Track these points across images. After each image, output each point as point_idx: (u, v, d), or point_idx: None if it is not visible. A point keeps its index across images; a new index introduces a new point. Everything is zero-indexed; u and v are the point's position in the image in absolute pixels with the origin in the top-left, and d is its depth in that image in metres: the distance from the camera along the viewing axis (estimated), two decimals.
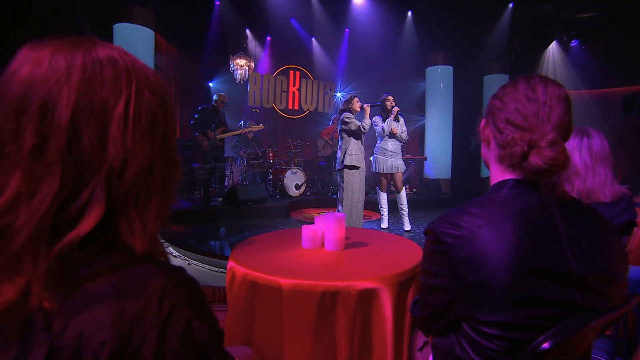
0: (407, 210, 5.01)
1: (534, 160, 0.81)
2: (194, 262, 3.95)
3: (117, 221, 0.52)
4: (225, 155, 6.90)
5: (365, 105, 4.45)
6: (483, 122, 0.97)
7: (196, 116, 6.27)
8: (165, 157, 0.57)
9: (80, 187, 0.48)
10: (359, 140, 4.40)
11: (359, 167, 4.36)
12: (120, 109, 0.51)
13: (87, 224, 0.48)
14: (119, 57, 0.54)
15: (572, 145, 1.63)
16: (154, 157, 0.55)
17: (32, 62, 0.48)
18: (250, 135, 7.73)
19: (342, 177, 4.38)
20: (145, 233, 0.53)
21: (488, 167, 0.98)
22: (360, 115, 4.45)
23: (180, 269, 0.55)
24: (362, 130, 4.31)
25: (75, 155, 0.48)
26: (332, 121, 8.32)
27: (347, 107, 4.42)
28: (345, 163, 4.32)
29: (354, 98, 4.45)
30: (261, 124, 7.05)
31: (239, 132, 6.67)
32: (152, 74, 0.57)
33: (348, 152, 4.32)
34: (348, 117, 4.31)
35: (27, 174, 0.46)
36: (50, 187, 0.46)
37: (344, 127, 4.35)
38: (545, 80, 0.87)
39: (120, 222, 0.52)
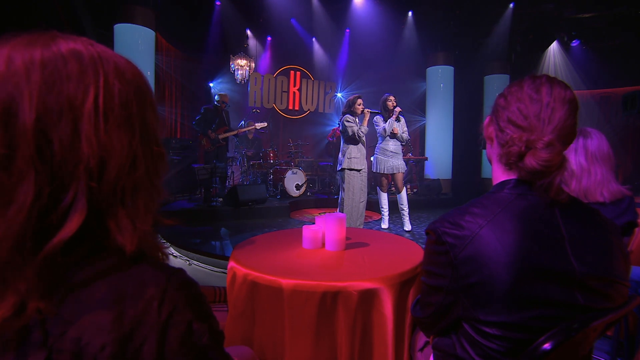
0: (407, 210, 5.00)
1: (529, 161, 0.81)
2: (195, 262, 3.95)
3: (106, 222, 0.50)
4: (227, 156, 6.91)
5: (365, 110, 4.42)
6: (487, 119, 0.97)
7: (198, 117, 6.27)
8: (147, 149, 0.54)
9: (60, 190, 0.46)
10: (356, 144, 4.37)
11: (360, 170, 4.34)
12: (90, 104, 0.47)
13: (69, 228, 0.46)
14: (83, 48, 0.50)
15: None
16: (134, 151, 0.52)
17: None
18: (250, 136, 7.73)
19: (342, 177, 4.37)
20: (135, 231, 0.52)
21: (492, 165, 0.98)
22: (361, 119, 4.42)
23: (181, 270, 0.54)
24: (357, 137, 4.27)
25: (47, 159, 0.45)
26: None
27: (349, 107, 4.37)
28: (344, 166, 4.31)
29: (357, 99, 4.39)
30: (264, 122, 7.04)
31: (242, 130, 6.67)
32: (123, 63, 0.54)
33: (347, 155, 4.30)
34: (348, 121, 4.29)
35: None
36: (25, 196, 0.44)
37: (343, 130, 4.35)
38: (552, 81, 0.86)
39: (109, 222, 0.50)
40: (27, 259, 0.44)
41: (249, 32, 9.30)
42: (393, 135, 4.76)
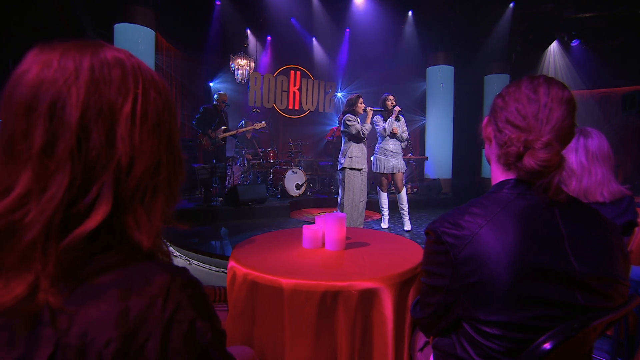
0: (407, 210, 5.00)
1: (528, 161, 0.81)
2: (195, 261, 3.95)
3: (124, 217, 0.53)
4: (226, 155, 6.90)
5: (368, 109, 4.42)
6: (486, 119, 0.97)
7: (198, 116, 6.27)
8: (170, 155, 0.59)
9: (89, 183, 0.50)
10: (361, 143, 4.37)
11: (361, 169, 4.34)
12: (128, 108, 0.52)
13: (94, 220, 0.49)
14: (125, 58, 0.55)
15: (569, 145, 1.63)
16: (160, 155, 0.56)
17: (40, 64, 0.50)
18: (249, 135, 7.72)
19: (343, 177, 4.37)
20: (152, 229, 0.55)
21: (490, 165, 0.99)
22: (363, 118, 4.42)
23: (185, 269, 0.56)
24: (362, 135, 4.28)
25: (84, 153, 0.49)
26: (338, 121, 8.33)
27: (350, 106, 4.37)
28: (345, 165, 4.30)
29: (359, 98, 4.39)
30: (263, 122, 7.03)
31: (241, 130, 6.66)
32: (157, 76, 0.59)
33: (349, 154, 4.29)
34: (350, 120, 4.28)
35: (37, 171, 0.47)
36: (60, 183, 0.47)
37: (345, 129, 4.32)
38: (549, 81, 0.86)
39: (127, 218, 0.53)
40: (51, 244, 0.47)
41: (249, 31, 9.30)
42: (393, 135, 4.76)
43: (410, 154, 8.61)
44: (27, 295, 0.46)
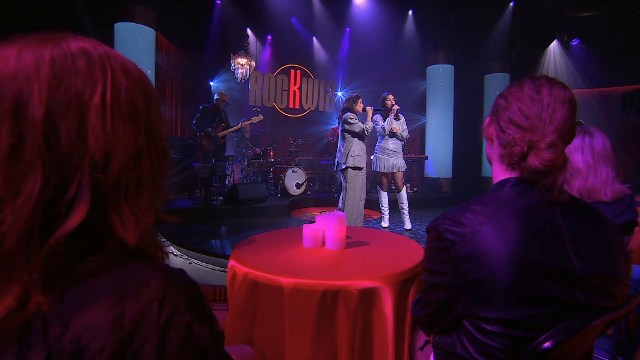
0: (407, 209, 5.01)
1: (532, 161, 0.81)
2: (195, 261, 3.95)
3: (108, 215, 0.51)
4: (226, 154, 6.90)
5: (368, 108, 4.42)
6: (487, 119, 0.97)
7: (197, 115, 6.26)
8: (151, 145, 0.56)
9: (65, 183, 0.47)
10: (362, 141, 4.36)
11: (362, 168, 4.34)
12: (97, 98, 0.49)
13: (73, 220, 0.47)
14: (91, 47, 0.52)
15: (574, 144, 1.63)
16: (138, 146, 0.53)
17: None
18: (247, 135, 7.72)
19: (345, 176, 4.36)
20: (138, 225, 0.53)
21: (491, 164, 0.99)
22: (362, 117, 4.42)
23: (181, 271, 0.54)
24: (366, 133, 4.28)
25: (55, 151, 0.47)
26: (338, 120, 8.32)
27: (350, 105, 4.37)
28: (348, 165, 4.29)
29: (358, 98, 4.39)
30: (260, 115, 6.99)
31: (238, 126, 6.64)
32: (129, 63, 0.56)
33: (351, 153, 4.29)
34: (352, 118, 4.27)
35: (7, 175, 0.45)
36: (33, 186, 0.45)
37: (347, 127, 4.30)
38: (552, 81, 0.87)
39: (112, 215, 0.51)
40: (33, 250, 0.45)
41: (249, 30, 9.30)
42: (392, 134, 4.75)
43: (409, 154, 8.60)
44: (17, 306, 0.44)
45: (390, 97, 4.77)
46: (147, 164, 0.55)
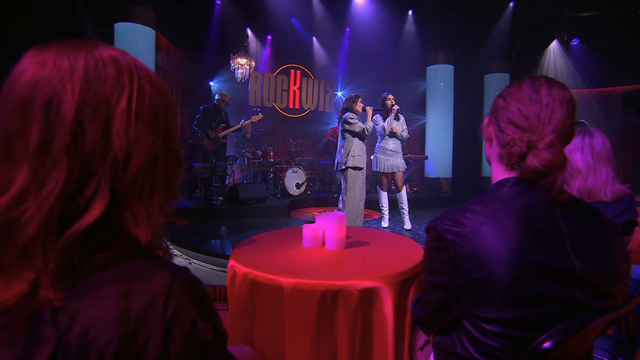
0: (407, 209, 5.01)
1: (531, 161, 0.81)
2: (195, 261, 3.95)
3: (122, 213, 0.53)
4: (226, 154, 6.90)
5: (368, 108, 4.42)
6: (487, 120, 0.97)
7: (198, 116, 6.25)
8: (167, 150, 0.59)
9: (86, 179, 0.50)
10: (362, 141, 4.36)
11: (362, 168, 4.34)
12: (124, 103, 0.53)
13: (91, 215, 0.49)
14: (120, 56, 0.56)
15: (574, 144, 1.63)
16: (156, 150, 0.57)
17: (36, 64, 0.51)
18: (248, 135, 7.72)
19: (345, 176, 4.36)
20: (150, 225, 0.55)
21: (490, 164, 0.99)
22: (362, 117, 4.42)
23: (186, 269, 0.56)
24: (366, 133, 4.28)
25: (80, 149, 0.50)
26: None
27: (350, 105, 4.36)
28: (348, 165, 4.29)
29: (358, 98, 4.39)
30: (260, 114, 7.00)
31: (238, 126, 6.63)
32: (152, 73, 0.60)
33: (351, 153, 4.28)
34: (352, 118, 4.27)
35: (34, 168, 0.48)
36: (57, 179, 0.48)
37: (347, 127, 4.30)
38: (550, 82, 0.87)
39: (126, 213, 0.54)
40: (51, 240, 0.47)
41: (249, 30, 9.30)
42: (392, 134, 4.75)
43: (409, 154, 8.60)
44: (29, 293, 0.46)
45: (390, 97, 4.77)
46: (163, 167, 0.58)
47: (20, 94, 0.49)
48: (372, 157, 5.09)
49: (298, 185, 7.24)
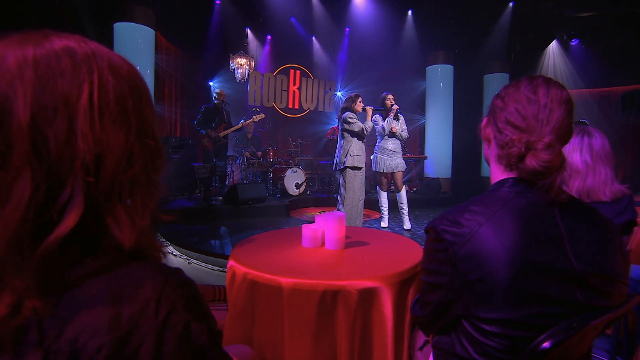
0: (407, 209, 5.01)
1: (530, 162, 0.82)
2: (194, 261, 3.95)
3: (104, 217, 0.50)
4: (228, 154, 6.89)
5: (367, 107, 4.42)
6: (485, 120, 0.97)
7: (199, 116, 6.24)
8: (143, 144, 0.55)
9: (57, 187, 0.46)
10: (361, 141, 4.36)
11: (361, 168, 4.34)
12: (84, 100, 0.48)
13: (66, 225, 0.46)
14: (76, 45, 0.50)
15: (573, 144, 1.63)
16: (130, 146, 0.52)
17: None
18: (249, 135, 7.72)
19: (344, 176, 4.36)
20: (134, 226, 0.52)
21: (489, 165, 0.99)
22: (361, 117, 4.42)
23: (178, 270, 0.54)
24: (365, 133, 4.28)
25: (44, 156, 0.45)
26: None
27: (349, 105, 4.37)
28: (347, 164, 4.29)
29: (358, 97, 4.40)
30: (262, 113, 7.00)
31: (239, 126, 6.63)
32: (117, 59, 0.54)
33: (350, 153, 4.29)
34: (351, 118, 4.27)
35: None
36: (22, 192, 0.44)
37: (346, 127, 4.30)
38: (548, 82, 0.87)
39: (107, 217, 0.50)
40: (25, 257, 0.44)
41: (248, 30, 9.30)
42: (392, 134, 4.76)
43: (409, 154, 8.60)
44: (10, 312, 0.43)
45: (390, 97, 4.77)
46: (140, 163, 0.54)
47: None
48: (371, 157, 5.09)
49: (297, 185, 7.24)
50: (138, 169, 0.53)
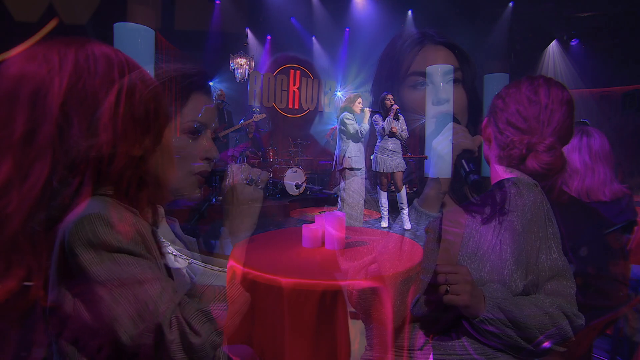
0: (407, 209, 5.00)
1: (531, 163, 0.81)
2: (195, 261, 3.94)
3: None
4: (228, 154, 6.88)
5: (366, 109, 4.42)
6: (485, 120, 0.97)
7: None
8: (157, 147, 0.59)
9: (71, 174, 0.50)
10: (359, 142, 4.36)
11: (360, 169, 4.33)
12: (112, 97, 0.53)
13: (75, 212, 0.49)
14: (112, 53, 0.56)
15: (572, 144, 1.63)
16: (145, 148, 0.56)
17: (25, 57, 0.51)
18: (250, 135, 7.71)
19: (343, 176, 4.36)
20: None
21: (489, 165, 0.99)
22: (360, 118, 4.42)
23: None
24: (360, 135, 4.28)
25: (65, 141, 0.49)
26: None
27: (348, 105, 4.36)
28: (344, 166, 4.29)
29: (357, 98, 4.39)
30: (263, 113, 7.00)
31: (239, 126, 6.62)
32: (145, 71, 0.60)
33: (347, 154, 4.29)
34: (348, 119, 4.27)
35: (18, 159, 0.47)
36: (41, 172, 0.47)
37: (342, 127, 4.31)
38: (549, 82, 0.87)
39: None
40: (39, 235, 0.47)
41: (248, 31, 9.29)
42: (392, 134, 4.75)
43: (409, 154, 8.58)
44: (20, 290, 0.46)
45: (390, 97, 4.77)
46: (152, 166, 0.58)
47: (6, 85, 0.49)
48: (371, 157, 5.09)
49: (297, 186, 7.22)
50: (150, 169, 0.57)
